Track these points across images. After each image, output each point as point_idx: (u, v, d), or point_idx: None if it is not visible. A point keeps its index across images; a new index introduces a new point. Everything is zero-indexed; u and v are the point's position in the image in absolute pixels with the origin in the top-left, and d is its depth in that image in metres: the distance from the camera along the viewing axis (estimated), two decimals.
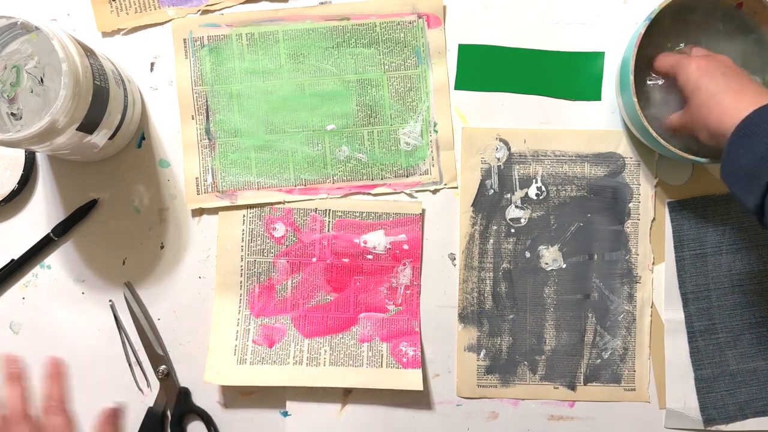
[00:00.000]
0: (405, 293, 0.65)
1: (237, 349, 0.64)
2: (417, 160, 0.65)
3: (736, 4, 0.59)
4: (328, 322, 0.65)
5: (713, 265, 0.65)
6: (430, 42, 0.65)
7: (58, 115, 0.50)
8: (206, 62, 0.65)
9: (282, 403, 0.65)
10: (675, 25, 0.60)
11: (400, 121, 0.65)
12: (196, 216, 0.66)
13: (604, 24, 0.65)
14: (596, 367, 0.65)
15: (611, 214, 0.65)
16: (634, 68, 0.57)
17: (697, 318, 0.65)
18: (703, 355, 0.65)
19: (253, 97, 0.65)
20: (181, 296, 0.65)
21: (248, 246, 0.65)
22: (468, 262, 0.65)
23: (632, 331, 0.65)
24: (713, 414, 0.64)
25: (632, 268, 0.65)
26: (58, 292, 0.65)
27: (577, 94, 0.65)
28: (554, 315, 0.65)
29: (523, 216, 0.65)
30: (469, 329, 0.65)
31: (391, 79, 0.65)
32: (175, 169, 0.65)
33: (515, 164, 0.65)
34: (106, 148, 0.61)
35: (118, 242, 0.65)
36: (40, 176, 0.65)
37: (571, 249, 0.65)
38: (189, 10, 0.65)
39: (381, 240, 0.65)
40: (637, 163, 0.65)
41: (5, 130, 0.54)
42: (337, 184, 0.65)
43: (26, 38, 0.54)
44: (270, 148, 0.65)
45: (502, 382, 0.65)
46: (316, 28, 0.65)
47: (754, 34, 0.60)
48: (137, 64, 0.65)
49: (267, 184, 0.65)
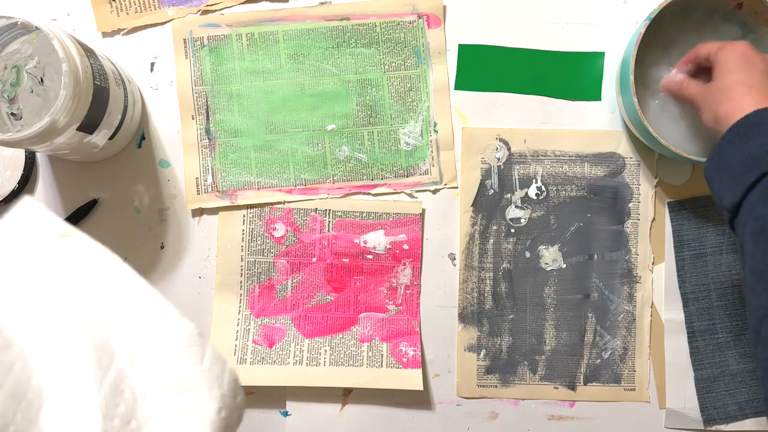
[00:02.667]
0: (405, 293, 0.65)
1: (237, 349, 0.64)
2: (417, 160, 0.65)
3: (736, 4, 0.59)
4: (328, 322, 0.65)
5: (713, 265, 0.65)
6: (430, 42, 0.65)
7: (58, 115, 0.50)
8: (206, 62, 0.65)
9: (282, 403, 0.65)
10: (675, 25, 0.60)
11: (400, 121, 0.65)
12: (196, 216, 0.66)
13: (604, 24, 0.65)
14: (596, 367, 0.65)
15: (611, 214, 0.65)
16: (634, 68, 0.57)
17: (697, 318, 0.65)
18: (703, 355, 0.65)
19: (253, 97, 0.65)
20: (181, 296, 0.65)
21: (248, 246, 0.65)
22: (468, 262, 0.65)
23: (632, 331, 0.65)
24: (713, 414, 0.64)
25: (632, 268, 0.65)
26: None
27: (577, 94, 0.65)
28: (554, 315, 0.65)
29: (523, 216, 0.65)
30: (469, 329, 0.65)
31: (391, 79, 0.65)
32: (175, 169, 0.65)
33: (515, 164, 0.65)
34: (106, 148, 0.61)
35: (118, 242, 0.65)
36: (40, 176, 0.65)
37: (571, 249, 0.65)
38: (189, 10, 0.65)
39: (381, 240, 0.65)
40: (637, 163, 0.65)
41: (5, 130, 0.54)
42: (337, 184, 0.65)
43: (26, 38, 0.54)
44: (270, 148, 0.65)
45: (502, 382, 0.65)
46: (316, 28, 0.65)
47: (754, 34, 0.60)
48: (137, 64, 0.65)
49: (267, 184, 0.65)
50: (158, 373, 0.33)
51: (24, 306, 0.33)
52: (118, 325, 0.33)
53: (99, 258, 0.35)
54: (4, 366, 0.29)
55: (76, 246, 0.36)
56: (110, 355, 0.32)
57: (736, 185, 0.46)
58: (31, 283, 0.34)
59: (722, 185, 0.47)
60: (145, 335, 0.34)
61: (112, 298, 0.34)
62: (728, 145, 0.47)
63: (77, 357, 0.31)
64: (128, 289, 0.35)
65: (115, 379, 0.31)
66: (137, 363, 0.33)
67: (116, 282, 0.35)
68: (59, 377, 0.30)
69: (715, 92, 0.51)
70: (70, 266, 0.35)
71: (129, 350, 0.33)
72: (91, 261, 0.35)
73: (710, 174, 0.49)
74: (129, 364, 0.32)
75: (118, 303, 0.34)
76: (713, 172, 0.49)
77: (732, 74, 0.50)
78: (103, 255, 0.35)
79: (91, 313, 0.33)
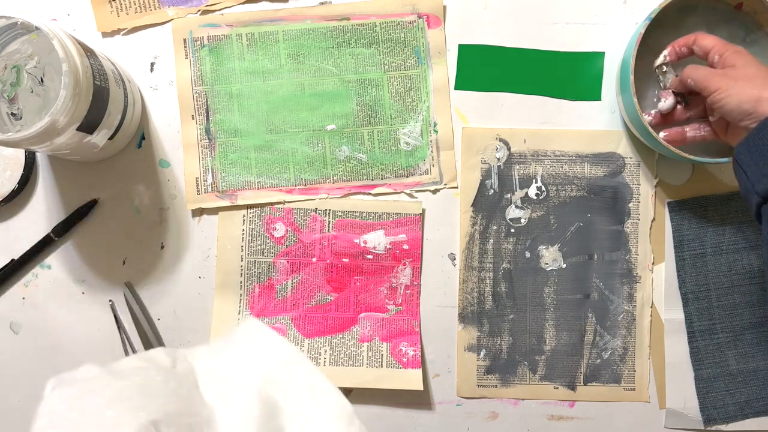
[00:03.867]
0: (405, 293, 0.65)
1: None
2: (417, 160, 0.65)
3: (736, 4, 0.59)
4: (328, 322, 0.65)
5: (713, 265, 0.65)
6: (430, 42, 0.65)
7: (58, 115, 0.50)
8: (206, 62, 0.65)
9: None
10: (675, 25, 0.60)
11: (400, 121, 0.65)
12: (196, 216, 0.66)
13: (604, 24, 0.65)
14: (596, 367, 0.65)
15: (611, 214, 0.65)
16: (634, 68, 0.57)
17: (697, 318, 0.65)
18: (703, 355, 0.65)
19: (253, 97, 0.65)
20: (181, 296, 0.65)
21: (248, 246, 0.65)
22: (468, 262, 0.65)
23: (632, 331, 0.65)
24: (713, 414, 0.64)
25: (632, 268, 0.65)
26: (58, 292, 0.65)
27: (577, 94, 0.65)
28: (554, 315, 0.65)
29: (523, 216, 0.65)
30: (469, 329, 0.65)
31: (391, 79, 0.65)
32: (175, 169, 0.65)
33: (515, 164, 0.65)
34: (106, 148, 0.61)
35: (118, 242, 0.65)
36: (40, 176, 0.65)
37: (571, 249, 0.65)
38: (189, 10, 0.65)
39: (381, 240, 0.65)
40: (637, 163, 0.65)
41: (5, 130, 0.54)
42: (337, 184, 0.65)
43: (26, 38, 0.54)
44: (270, 148, 0.65)
45: (502, 382, 0.65)
46: (316, 28, 0.64)
47: (754, 34, 0.60)
48: (137, 64, 0.65)
49: (267, 184, 0.65)
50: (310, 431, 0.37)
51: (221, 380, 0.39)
52: (287, 395, 0.38)
53: (280, 345, 0.41)
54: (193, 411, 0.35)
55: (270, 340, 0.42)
56: (276, 413, 0.37)
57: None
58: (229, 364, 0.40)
59: (757, 170, 0.47)
60: (306, 404, 0.38)
61: (286, 375, 0.39)
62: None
63: (249, 411, 0.36)
64: (300, 369, 0.40)
65: (275, 428, 0.36)
66: (296, 423, 0.37)
67: (290, 363, 0.40)
68: (234, 427, 0.36)
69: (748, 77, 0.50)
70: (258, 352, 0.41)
71: (292, 413, 0.37)
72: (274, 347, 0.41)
73: (743, 157, 0.48)
74: (290, 421, 0.37)
75: (289, 378, 0.39)
76: (747, 155, 0.48)
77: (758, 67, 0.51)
78: (284, 343, 0.41)
79: (267, 383, 0.38)
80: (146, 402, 0.33)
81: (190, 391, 0.36)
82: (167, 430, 0.32)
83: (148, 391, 0.34)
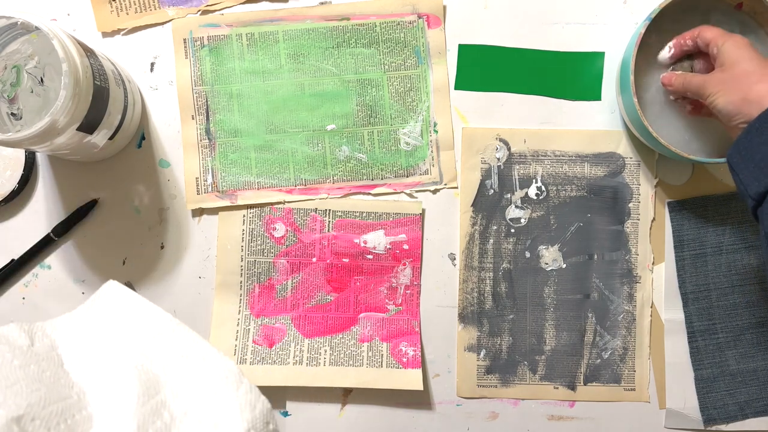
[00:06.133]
0: (405, 293, 0.65)
1: (237, 349, 0.64)
2: (417, 160, 0.65)
3: (736, 4, 0.59)
4: (328, 322, 0.65)
5: (713, 265, 0.65)
6: (430, 42, 0.65)
7: (58, 115, 0.50)
8: (206, 62, 0.65)
9: (282, 403, 0.65)
10: (675, 25, 0.60)
11: (400, 121, 0.65)
12: (196, 216, 0.66)
13: (604, 24, 0.65)
14: (596, 367, 0.65)
15: (611, 214, 0.65)
16: (634, 68, 0.57)
17: (697, 318, 0.65)
18: (703, 355, 0.65)
19: (253, 97, 0.65)
20: (181, 296, 0.65)
21: (248, 246, 0.65)
22: (468, 262, 0.65)
23: (632, 331, 0.65)
24: (713, 414, 0.64)
25: (632, 268, 0.65)
26: (58, 292, 0.65)
27: (577, 94, 0.65)
28: (554, 315, 0.65)
29: (523, 216, 0.65)
30: (469, 329, 0.65)
31: (391, 79, 0.65)
32: (175, 169, 0.65)
33: (515, 164, 0.65)
34: (106, 148, 0.61)
35: (118, 242, 0.65)
36: (40, 176, 0.65)
37: (571, 249, 0.65)
38: (189, 10, 0.65)
39: (381, 240, 0.65)
40: (637, 163, 0.65)
41: (5, 130, 0.54)
42: (337, 184, 0.65)
43: (26, 38, 0.54)
44: (270, 148, 0.65)
45: (502, 382, 0.65)
46: (316, 28, 0.65)
47: (754, 34, 0.60)
48: (137, 64, 0.65)
49: (267, 184, 0.65)
50: (197, 400, 0.36)
51: (90, 356, 0.38)
52: (168, 367, 0.38)
53: (155, 316, 0.42)
54: (60, 396, 0.33)
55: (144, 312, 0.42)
56: (156, 388, 0.36)
57: (764, 175, 0.45)
58: (98, 337, 0.40)
59: (748, 173, 0.46)
60: (190, 373, 0.38)
61: (164, 347, 0.39)
62: (757, 133, 0.46)
63: (127, 391, 0.35)
64: (178, 339, 0.40)
65: (156, 405, 0.35)
66: (181, 395, 0.36)
67: (168, 333, 0.40)
68: (110, 408, 0.34)
69: (736, 76, 0.50)
70: (132, 325, 0.41)
71: (175, 385, 0.37)
72: (149, 319, 0.41)
73: (735, 160, 0.48)
74: (173, 396, 0.36)
75: (169, 350, 0.39)
76: (738, 158, 0.48)
77: (751, 61, 0.50)
78: (160, 315, 0.42)
79: (145, 359, 0.38)
80: (4, 396, 0.30)
81: (54, 373, 0.34)
82: (33, 426, 0.29)
83: (5, 382, 0.31)
